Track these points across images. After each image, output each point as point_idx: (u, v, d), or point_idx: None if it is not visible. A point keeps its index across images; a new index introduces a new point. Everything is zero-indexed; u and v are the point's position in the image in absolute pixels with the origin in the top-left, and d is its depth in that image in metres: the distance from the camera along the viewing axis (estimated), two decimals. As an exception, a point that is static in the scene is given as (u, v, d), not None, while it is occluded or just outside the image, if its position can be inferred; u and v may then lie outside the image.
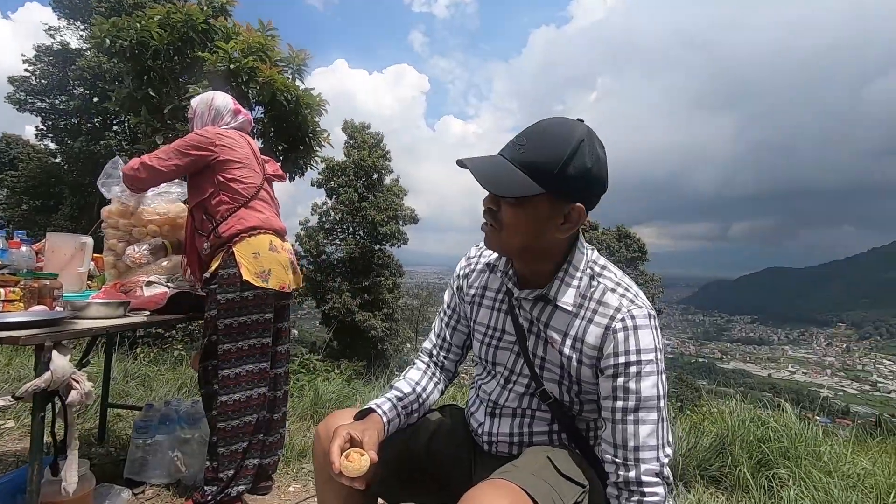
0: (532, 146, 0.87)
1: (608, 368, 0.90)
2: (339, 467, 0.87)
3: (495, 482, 0.83)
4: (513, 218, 0.90)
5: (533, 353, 1.00)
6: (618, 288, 0.94)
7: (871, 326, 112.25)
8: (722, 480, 2.27)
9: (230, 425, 1.78)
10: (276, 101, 4.31)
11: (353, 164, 21.59)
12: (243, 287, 1.78)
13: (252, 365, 1.83)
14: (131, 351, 4.19)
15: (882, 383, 69.79)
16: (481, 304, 1.09)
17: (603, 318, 0.92)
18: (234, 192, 1.87)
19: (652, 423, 0.87)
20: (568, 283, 0.95)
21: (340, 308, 19.67)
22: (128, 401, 2.94)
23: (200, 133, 1.89)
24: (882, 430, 3.92)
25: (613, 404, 0.89)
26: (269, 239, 1.88)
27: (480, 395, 1.11)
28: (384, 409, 1.05)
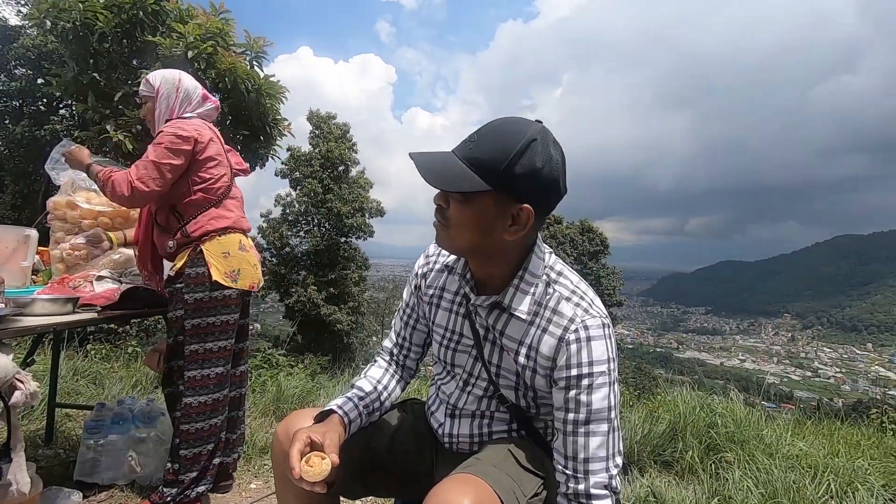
0: (481, 143, 0.86)
1: (561, 380, 0.90)
2: (300, 472, 0.86)
3: (460, 477, 0.85)
4: (459, 215, 0.88)
5: (489, 360, 1.00)
6: (573, 296, 0.94)
7: (814, 317, 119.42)
8: (673, 465, 2.39)
9: (194, 427, 1.73)
10: (237, 89, 4.17)
11: (318, 155, 21.18)
12: (212, 287, 1.74)
13: (220, 368, 1.79)
14: (81, 347, 4.00)
15: (822, 370, 74.45)
16: (439, 306, 1.08)
17: (557, 329, 0.91)
18: (208, 192, 1.79)
19: (602, 435, 0.87)
20: (524, 291, 0.94)
21: (305, 301, 19.35)
22: (78, 400, 2.81)
23: (177, 133, 1.73)
24: (820, 413, 4.21)
25: (565, 416, 0.89)
26: (239, 238, 1.84)
27: (440, 395, 1.11)
28: (345, 410, 1.04)
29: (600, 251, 27.05)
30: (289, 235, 22.10)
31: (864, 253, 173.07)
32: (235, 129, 4.66)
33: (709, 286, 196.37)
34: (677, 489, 2.09)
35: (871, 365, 75.71)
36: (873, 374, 67.49)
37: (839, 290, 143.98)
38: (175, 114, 1.83)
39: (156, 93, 1.82)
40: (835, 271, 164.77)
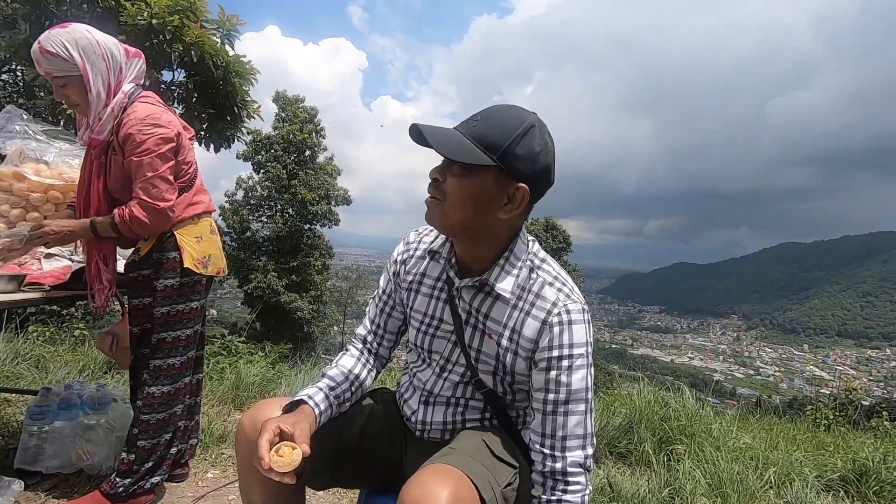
0: (485, 122, 0.89)
1: (542, 361, 0.93)
2: (269, 463, 0.84)
3: (437, 467, 0.85)
4: (457, 189, 0.90)
5: (469, 344, 1.01)
6: (555, 282, 0.97)
7: (758, 318, 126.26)
8: (628, 456, 2.48)
9: (155, 418, 1.66)
10: (204, 65, 3.99)
11: (281, 138, 20.61)
12: (183, 273, 1.65)
13: (185, 355, 1.71)
14: (22, 329, 3.76)
15: (763, 368, 78.89)
16: (419, 292, 1.08)
17: (540, 312, 0.94)
18: (180, 178, 1.66)
19: (580, 415, 0.91)
20: (508, 272, 0.97)
21: (265, 288, 18.90)
22: (19, 385, 2.65)
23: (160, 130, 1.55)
24: (761, 408, 4.48)
25: (545, 396, 0.92)
26: (210, 222, 1.76)
27: (415, 382, 1.11)
28: (316, 401, 1.02)
29: (563, 249, 27.60)
30: (250, 220, 21.48)
31: (806, 260, 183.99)
32: (201, 106, 4.48)
33: (664, 286, 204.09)
34: (632, 479, 2.17)
35: (807, 365, 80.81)
36: (808, 374, 72.07)
37: (782, 294, 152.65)
38: (112, 88, 1.57)
39: (80, 69, 1.50)
40: (779, 276, 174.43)
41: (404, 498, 0.80)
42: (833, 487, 2.34)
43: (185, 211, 1.68)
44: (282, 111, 21.26)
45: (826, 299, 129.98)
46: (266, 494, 1.03)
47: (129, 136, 1.53)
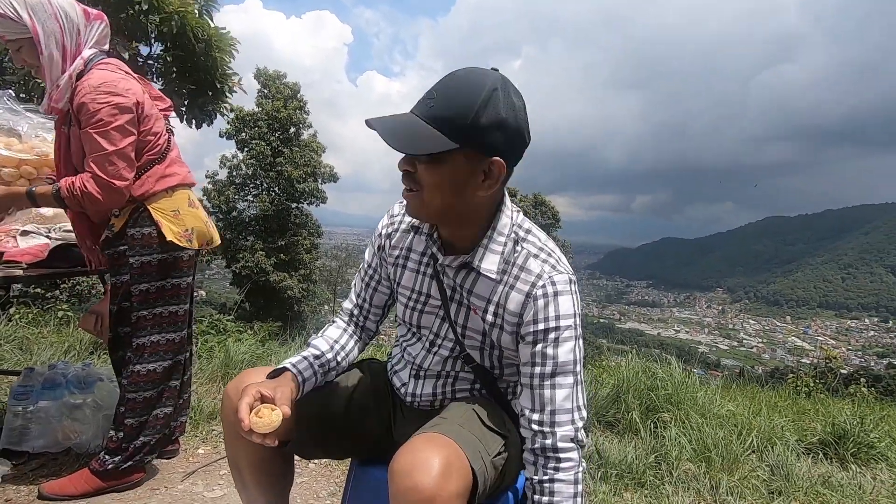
0: (442, 99, 0.83)
1: (528, 335, 0.91)
2: (249, 424, 0.84)
3: (428, 436, 0.85)
4: (430, 178, 0.85)
5: (455, 320, 1.00)
6: (540, 253, 0.94)
7: (742, 291, 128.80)
8: (616, 425, 2.53)
9: (141, 396, 1.63)
10: (184, 38, 3.85)
11: (265, 115, 20.17)
12: (163, 248, 1.59)
13: (172, 334, 1.67)
14: (3, 311, 3.69)
15: (746, 340, 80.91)
16: (405, 267, 1.05)
17: (524, 285, 0.92)
18: (149, 151, 1.58)
19: (568, 388, 0.89)
20: (492, 250, 0.94)
21: (253, 267, 18.76)
22: (2, 366, 2.61)
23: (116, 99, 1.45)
24: (744, 378, 4.59)
25: (532, 370, 0.90)
26: (188, 195, 1.68)
27: (406, 356, 1.10)
28: (299, 368, 1.01)
29: (552, 225, 27.69)
30: (235, 199, 21.17)
31: (790, 234, 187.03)
32: (181, 82, 4.34)
33: (651, 261, 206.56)
34: (620, 446, 2.21)
35: (789, 336, 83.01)
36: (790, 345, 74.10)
37: (766, 267, 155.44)
38: (70, 52, 1.48)
39: (31, 31, 1.42)
40: (763, 250, 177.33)
41: (395, 466, 0.79)
42: (813, 450, 2.41)
43: (158, 184, 1.59)
44: (264, 87, 20.75)
45: (808, 272, 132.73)
46: (253, 463, 1.04)
47: (83, 105, 1.44)
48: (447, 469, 0.78)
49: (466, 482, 0.80)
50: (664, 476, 2.00)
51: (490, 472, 0.88)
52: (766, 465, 2.13)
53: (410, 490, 0.75)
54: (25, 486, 1.62)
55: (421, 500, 0.75)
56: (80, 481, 1.59)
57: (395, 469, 0.79)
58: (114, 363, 1.75)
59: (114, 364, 1.75)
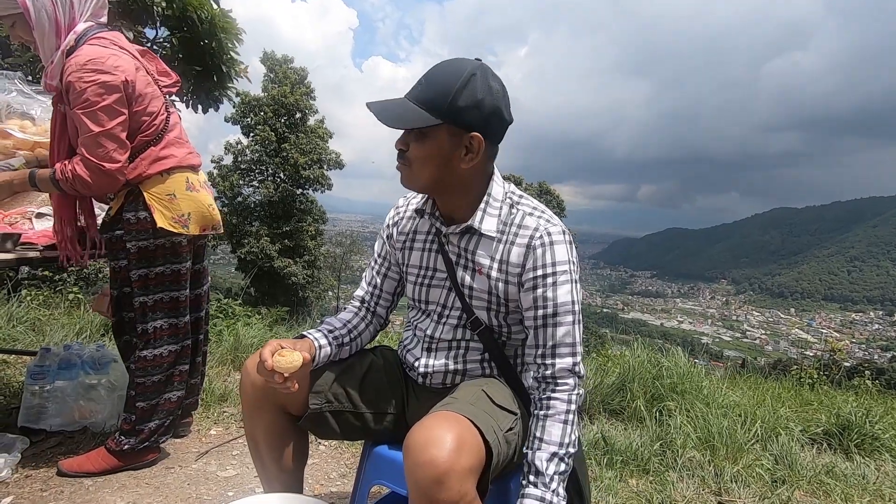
0: (427, 84, 0.95)
1: (528, 281, 1.00)
2: (272, 363, 0.91)
3: (441, 413, 0.87)
4: (418, 152, 0.97)
5: (462, 283, 1.07)
6: (534, 211, 1.05)
7: (747, 283, 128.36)
8: (621, 413, 2.55)
9: (150, 380, 1.64)
10: (189, 19, 3.83)
11: (271, 100, 20.08)
12: (157, 234, 1.56)
13: (174, 319, 1.66)
14: (15, 293, 3.74)
15: (750, 331, 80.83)
16: (412, 248, 1.14)
17: (523, 239, 1.02)
18: (143, 132, 1.53)
19: (568, 325, 0.98)
20: (490, 214, 1.04)
21: (258, 253, 18.85)
22: (15, 347, 2.66)
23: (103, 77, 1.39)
24: (746, 369, 4.60)
25: (535, 313, 1.00)
26: (186, 177, 1.62)
27: (417, 333, 1.15)
28: (315, 336, 1.09)
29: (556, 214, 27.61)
30: (241, 185, 21.19)
31: (797, 225, 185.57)
32: (187, 65, 4.32)
33: (655, 251, 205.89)
34: (625, 434, 2.24)
35: (792, 328, 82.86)
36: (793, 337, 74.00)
37: (771, 259, 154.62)
38: (64, 26, 1.44)
39: (20, 5, 1.38)
40: (769, 241, 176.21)
41: (409, 442, 0.82)
42: (817, 441, 2.43)
43: (152, 167, 1.54)
44: (270, 72, 20.63)
45: (814, 264, 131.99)
46: (270, 437, 1.08)
47: (70, 84, 1.40)
48: (460, 444, 0.80)
49: (480, 457, 0.83)
50: (669, 463, 2.02)
51: (503, 446, 0.92)
52: (769, 455, 2.15)
53: (425, 464, 0.78)
54: (44, 462, 1.66)
55: (436, 474, 0.77)
56: (98, 459, 1.62)
57: (409, 445, 0.82)
58: (120, 348, 1.75)
59: (120, 349, 1.76)
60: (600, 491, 1.76)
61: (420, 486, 0.78)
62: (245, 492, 1.64)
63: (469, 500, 0.80)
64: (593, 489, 1.76)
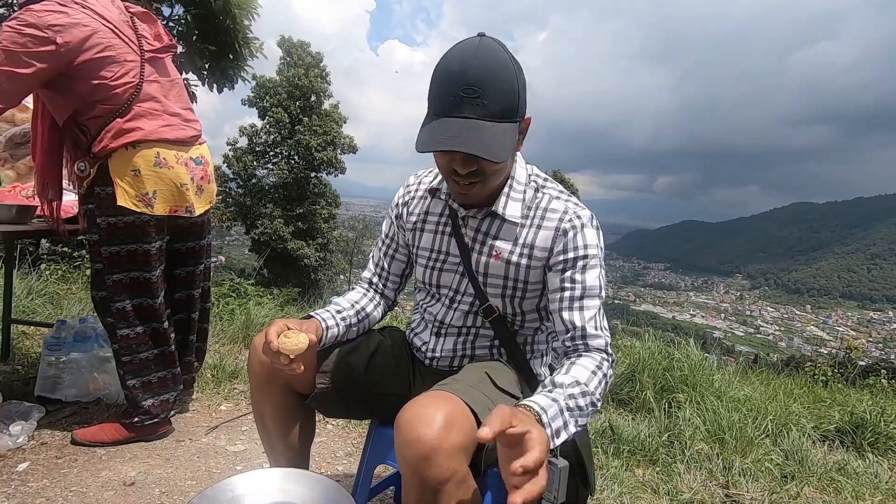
0: (488, 94, 0.84)
1: (558, 264, 0.98)
2: (278, 345, 0.89)
3: (435, 393, 0.87)
4: (496, 165, 0.90)
5: (476, 268, 1.04)
6: (561, 195, 1.03)
7: (763, 278, 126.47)
8: (630, 403, 2.53)
9: (138, 358, 1.62)
10: (203, -2, 3.82)
11: (287, 81, 20.07)
12: (120, 211, 1.48)
13: (150, 298, 1.60)
14: (35, 268, 3.82)
15: (764, 327, 79.81)
16: (423, 230, 1.10)
17: (551, 222, 0.99)
18: (104, 101, 1.43)
19: (594, 309, 0.96)
20: (513, 198, 1.01)
21: (271, 234, 19.03)
22: (34, 319, 2.72)
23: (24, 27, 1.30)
24: (759, 365, 4.55)
25: (562, 294, 0.97)
26: (156, 152, 1.50)
27: (426, 317, 1.13)
28: (323, 317, 1.07)
29: (571, 203, 27.40)
30: (255, 166, 21.32)
31: (817, 221, 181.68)
32: (203, 43, 4.32)
33: (670, 244, 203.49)
34: (633, 424, 2.23)
35: (807, 325, 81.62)
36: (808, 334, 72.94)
37: (788, 254, 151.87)
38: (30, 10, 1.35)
39: None
40: (787, 236, 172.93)
41: (400, 420, 0.81)
42: (829, 438, 2.39)
43: (115, 140, 1.45)
44: (286, 55, 20.59)
45: (833, 261, 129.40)
46: (278, 414, 1.08)
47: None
48: (450, 422, 0.79)
49: (470, 437, 0.82)
50: (676, 455, 2.01)
51: None
52: (780, 450, 2.13)
53: (413, 441, 0.77)
54: (59, 431, 1.70)
55: (423, 451, 0.76)
56: (111, 431, 1.66)
57: (400, 422, 0.81)
58: (105, 327, 1.68)
59: (105, 328, 1.68)
60: (606, 479, 1.75)
61: (409, 463, 0.78)
62: (253, 466, 1.66)
63: (460, 477, 0.79)
64: (599, 477, 1.76)
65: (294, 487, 0.86)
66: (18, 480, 1.44)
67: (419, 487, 0.78)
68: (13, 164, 1.81)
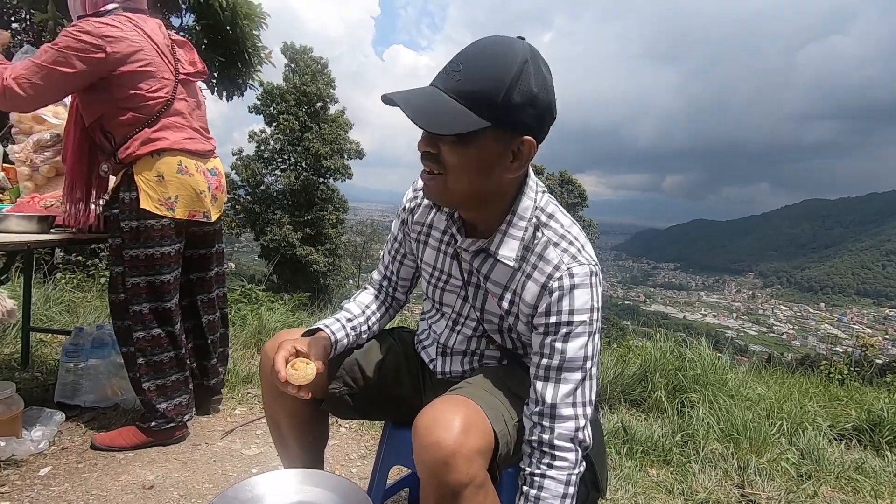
0: (469, 72, 0.76)
1: (540, 326, 0.88)
2: (285, 376, 0.89)
3: (451, 397, 0.87)
4: (456, 159, 0.80)
5: (473, 304, 1.00)
6: (561, 242, 0.89)
7: (775, 276, 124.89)
8: (642, 403, 2.52)
9: (153, 360, 1.67)
10: (210, 8, 3.89)
11: (293, 89, 20.25)
12: (143, 215, 1.58)
13: (166, 302, 1.67)
14: (50, 277, 3.89)
15: (777, 326, 78.76)
16: (427, 244, 1.04)
17: (541, 276, 0.88)
18: (138, 109, 1.56)
19: (573, 383, 0.85)
20: (512, 236, 0.90)
21: (280, 241, 19.16)
22: (51, 327, 2.76)
23: (82, 33, 1.46)
24: (773, 364, 4.49)
25: (539, 360, 0.88)
26: (178, 160, 1.61)
27: (432, 333, 1.12)
28: (332, 329, 1.05)
29: (578, 204, 27.26)
30: (263, 173, 21.50)
31: (830, 217, 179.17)
32: (211, 53, 4.39)
33: (680, 243, 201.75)
34: (646, 424, 2.22)
35: (822, 323, 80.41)
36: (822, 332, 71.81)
37: (801, 252, 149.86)
38: (89, 8, 1.55)
39: None
40: (799, 234, 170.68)
41: (417, 425, 0.82)
42: (846, 436, 2.36)
43: (142, 148, 1.56)
44: (291, 62, 20.78)
45: (847, 258, 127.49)
46: (291, 419, 1.08)
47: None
48: (467, 427, 0.79)
49: (487, 441, 0.82)
50: (690, 455, 2.00)
51: (513, 435, 0.89)
52: (795, 449, 2.10)
53: (432, 446, 0.77)
54: (79, 436, 1.73)
55: (442, 455, 0.76)
56: (129, 435, 1.69)
57: (417, 426, 0.81)
58: (116, 330, 1.71)
59: (116, 332, 1.71)
60: (619, 480, 1.75)
61: (428, 467, 0.78)
62: (268, 469, 1.66)
63: (479, 482, 0.79)
64: (612, 478, 1.75)
65: (312, 487, 0.88)
66: (41, 485, 1.47)
67: (437, 492, 0.78)
68: (31, 175, 1.85)
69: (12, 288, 2.93)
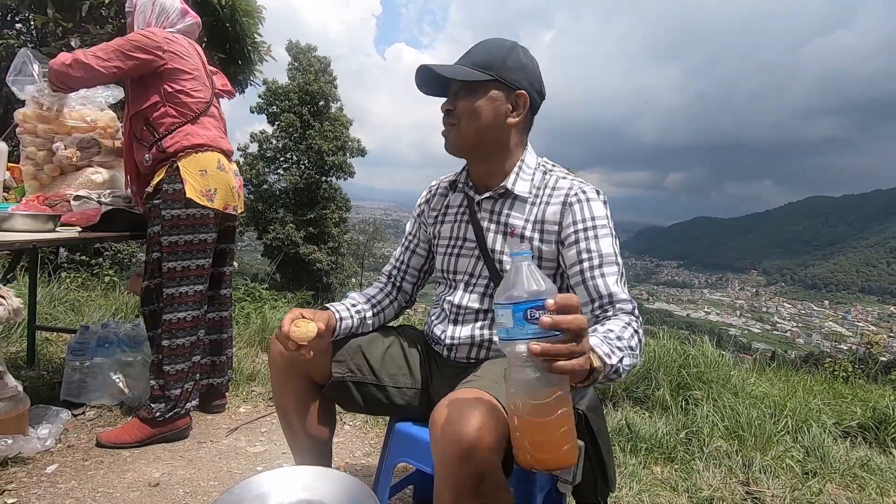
0: (476, 52, 1.06)
1: (569, 236, 1.02)
2: (288, 330, 0.96)
3: (469, 390, 0.88)
4: (468, 107, 1.04)
5: (492, 249, 1.09)
6: (568, 175, 1.11)
7: (779, 274, 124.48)
8: (646, 401, 2.52)
9: (175, 343, 1.75)
10: (209, 5, 3.88)
11: (297, 87, 20.25)
12: (187, 204, 1.72)
13: (197, 286, 1.79)
14: (55, 276, 3.91)
15: (780, 323, 78.53)
16: (444, 221, 1.19)
17: (559, 198, 1.06)
18: (182, 106, 1.75)
19: (615, 275, 0.98)
20: (523, 178, 1.09)
21: (283, 239, 19.17)
22: (56, 325, 2.78)
23: (146, 34, 1.70)
24: (777, 362, 4.48)
25: (580, 266, 1.00)
26: (217, 157, 1.79)
27: (444, 306, 1.17)
28: (337, 308, 1.14)
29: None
30: (266, 172, 21.52)
31: (833, 214, 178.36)
32: (211, 51, 4.39)
33: (683, 241, 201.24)
34: (650, 421, 2.21)
35: (826, 321, 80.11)
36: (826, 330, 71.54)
37: (805, 249, 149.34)
38: (157, 23, 1.81)
39: (133, 7, 1.82)
40: (803, 231, 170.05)
41: (436, 417, 0.82)
42: (851, 434, 2.36)
43: (185, 138, 1.73)
44: (295, 60, 20.78)
45: (852, 255, 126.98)
46: (298, 404, 1.12)
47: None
48: (487, 422, 0.80)
49: (504, 435, 0.82)
50: (695, 452, 1.99)
51: None
52: (800, 446, 2.10)
53: (452, 440, 0.78)
54: (85, 433, 1.74)
55: (462, 450, 0.77)
56: (133, 430, 1.70)
57: (436, 420, 0.82)
58: (145, 317, 1.84)
59: (145, 318, 1.84)
60: (624, 477, 1.75)
61: (448, 460, 0.79)
62: (273, 467, 1.68)
63: (496, 475, 0.80)
64: (617, 475, 1.75)
65: (318, 485, 0.88)
66: (48, 482, 1.48)
67: (455, 484, 0.79)
68: (36, 174, 1.86)
69: (17, 287, 2.95)
